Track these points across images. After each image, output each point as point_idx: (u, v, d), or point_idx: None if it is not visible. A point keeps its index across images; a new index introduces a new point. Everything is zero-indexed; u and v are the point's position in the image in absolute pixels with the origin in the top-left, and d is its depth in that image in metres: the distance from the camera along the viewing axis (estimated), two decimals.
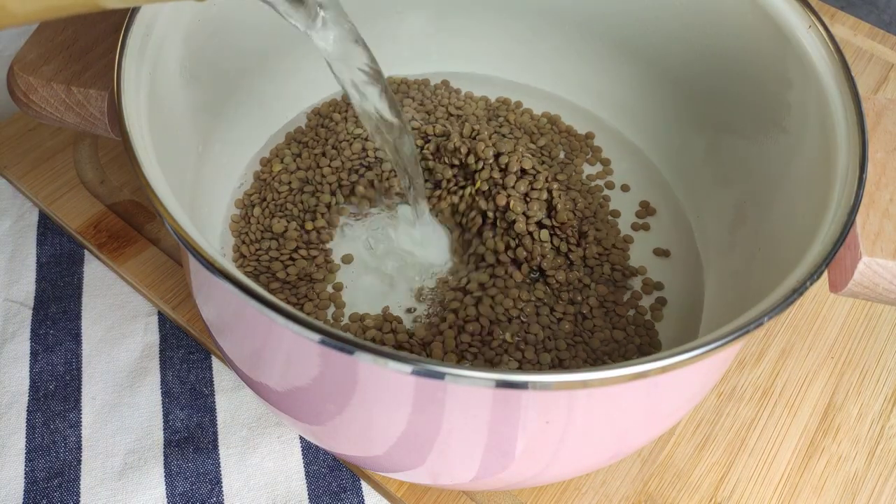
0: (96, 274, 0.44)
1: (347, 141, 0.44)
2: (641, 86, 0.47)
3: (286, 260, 0.39)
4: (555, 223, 0.39)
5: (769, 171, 0.39)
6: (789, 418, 0.40)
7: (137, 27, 0.33)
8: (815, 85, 0.35)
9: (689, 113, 0.45)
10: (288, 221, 0.41)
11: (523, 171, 0.40)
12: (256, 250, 0.40)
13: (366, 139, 0.44)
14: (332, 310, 0.39)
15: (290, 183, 0.42)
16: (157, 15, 0.34)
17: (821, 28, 0.36)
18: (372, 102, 0.34)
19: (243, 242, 0.40)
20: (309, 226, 0.40)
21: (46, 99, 0.34)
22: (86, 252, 0.45)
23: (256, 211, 0.41)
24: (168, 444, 0.38)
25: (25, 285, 0.43)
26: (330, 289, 0.39)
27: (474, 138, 0.42)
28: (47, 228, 0.45)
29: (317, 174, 0.43)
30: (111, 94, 0.33)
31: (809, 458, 0.39)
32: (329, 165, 0.43)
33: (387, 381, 0.27)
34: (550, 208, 0.40)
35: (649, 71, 0.46)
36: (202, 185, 0.41)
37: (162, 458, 0.38)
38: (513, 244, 0.39)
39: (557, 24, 0.47)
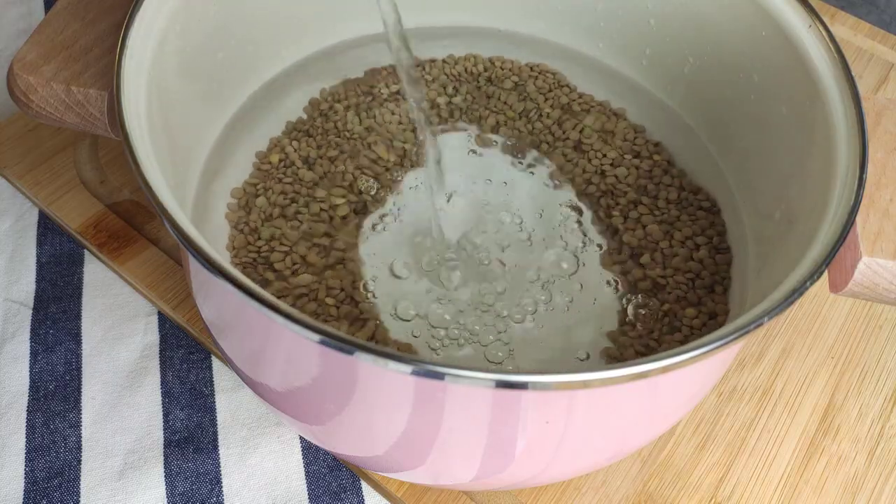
0: (96, 274, 0.44)
1: (349, 131, 0.44)
2: (634, 88, 0.47)
3: (284, 251, 0.39)
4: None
5: (769, 172, 0.39)
6: (789, 418, 0.40)
7: (137, 27, 0.33)
8: (815, 85, 0.35)
9: (686, 113, 0.45)
10: (286, 218, 0.41)
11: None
12: (256, 240, 0.40)
13: (366, 128, 0.44)
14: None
15: (285, 173, 0.42)
16: (157, 14, 0.35)
17: (821, 28, 0.35)
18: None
19: (240, 232, 0.40)
20: (318, 212, 0.41)
21: (46, 99, 0.34)
22: (86, 252, 0.45)
23: (258, 202, 0.41)
24: (168, 444, 0.38)
25: (25, 285, 0.43)
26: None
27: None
28: (47, 228, 0.45)
29: (317, 164, 0.43)
30: (111, 94, 0.33)
31: (809, 458, 0.39)
32: (328, 157, 0.43)
33: (387, 382, 0.27)
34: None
35: (646, 71, 0.46)
36: (202, 183, 0.41)
37: (162, 458, 0.38)
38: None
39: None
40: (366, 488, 0.38)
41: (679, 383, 0.30)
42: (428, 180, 0.42)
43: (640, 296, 0.39)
